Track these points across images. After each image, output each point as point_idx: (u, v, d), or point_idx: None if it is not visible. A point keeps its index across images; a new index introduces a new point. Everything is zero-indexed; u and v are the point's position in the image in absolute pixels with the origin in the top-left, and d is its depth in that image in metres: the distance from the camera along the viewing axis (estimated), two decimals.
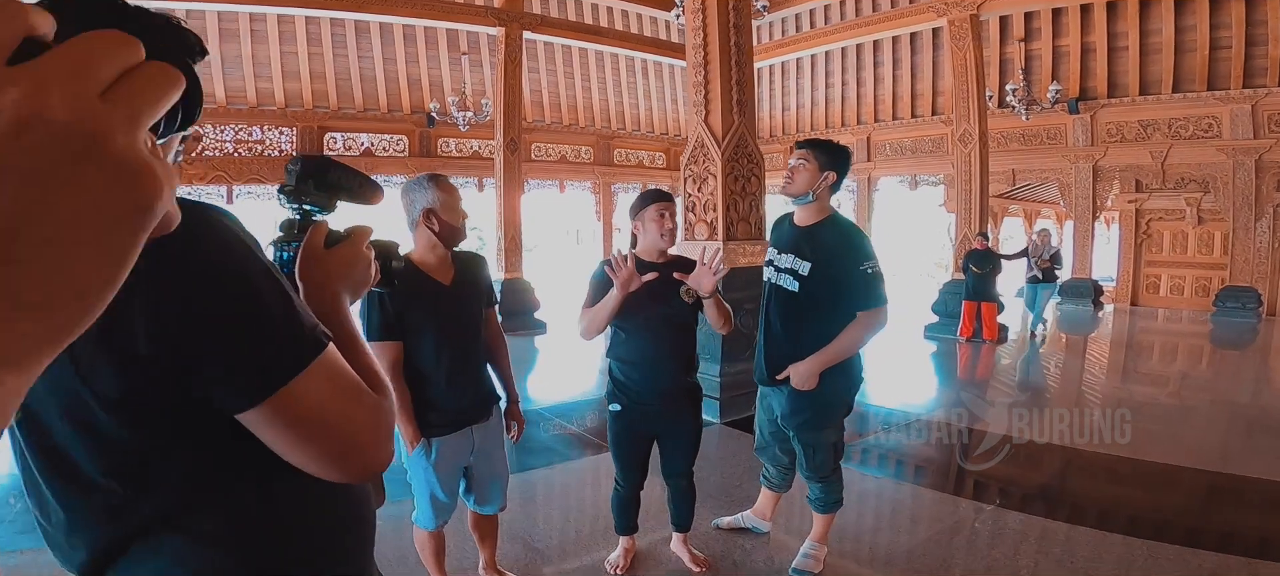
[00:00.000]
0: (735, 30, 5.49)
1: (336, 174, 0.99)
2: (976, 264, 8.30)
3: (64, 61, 0.24)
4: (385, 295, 2.03)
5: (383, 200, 1.14)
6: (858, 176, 14.33)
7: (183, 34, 0.77)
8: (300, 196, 0.96)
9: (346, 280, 0.91)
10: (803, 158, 2.52)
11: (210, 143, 10.65)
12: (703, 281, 2.31)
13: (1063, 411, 5.23)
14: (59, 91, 0.23)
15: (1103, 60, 10.88)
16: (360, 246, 0.94)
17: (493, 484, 2.34)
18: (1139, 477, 3.91)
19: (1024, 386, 6.63)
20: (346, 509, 0.86)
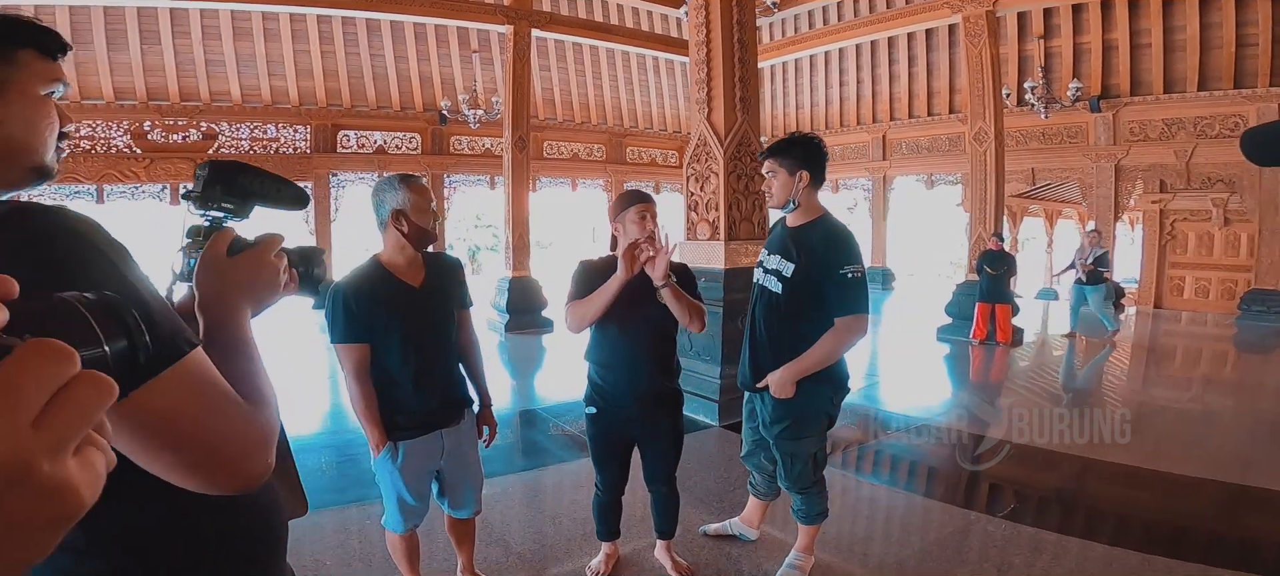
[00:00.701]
0: (739, 27, 5.42)
1: (248, 179, 0.95)
2: (991, 265, 8.13)
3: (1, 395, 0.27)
4: (349, 297, 2.01)
5: (307, 206, 1.11)
6: (873, 175, 14.16)
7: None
8: (207, 202, 0.93)
9: (247, 289, 0.87)
10: (771, 168, 2.44)
11: (226, 140, 10.79)
12: (656, 266, 2.24)
13: (1075, 416, 5.10)
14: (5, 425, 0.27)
15: (1125, 57, 10.62)
16: (266, 255, 0.90)
17: (465, 488, 2.30)
18: (1155, 487, 3.77)
19: (1038, 390, 6.47)
20: (237, 518, 0.82)
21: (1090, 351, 8.38)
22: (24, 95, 0.74)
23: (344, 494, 3.46)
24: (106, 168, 9.83)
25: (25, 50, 0.74)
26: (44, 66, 0.75)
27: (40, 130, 0.75)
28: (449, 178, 12.48)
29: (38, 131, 0.75)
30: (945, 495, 3.72)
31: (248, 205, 0.95)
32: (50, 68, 0.76)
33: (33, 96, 0.74)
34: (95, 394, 0.29)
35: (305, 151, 11.27)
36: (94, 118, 9.78)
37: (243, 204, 0.94)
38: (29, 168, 0.76)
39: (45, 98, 0.76)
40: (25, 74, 0.73)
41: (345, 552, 2.94)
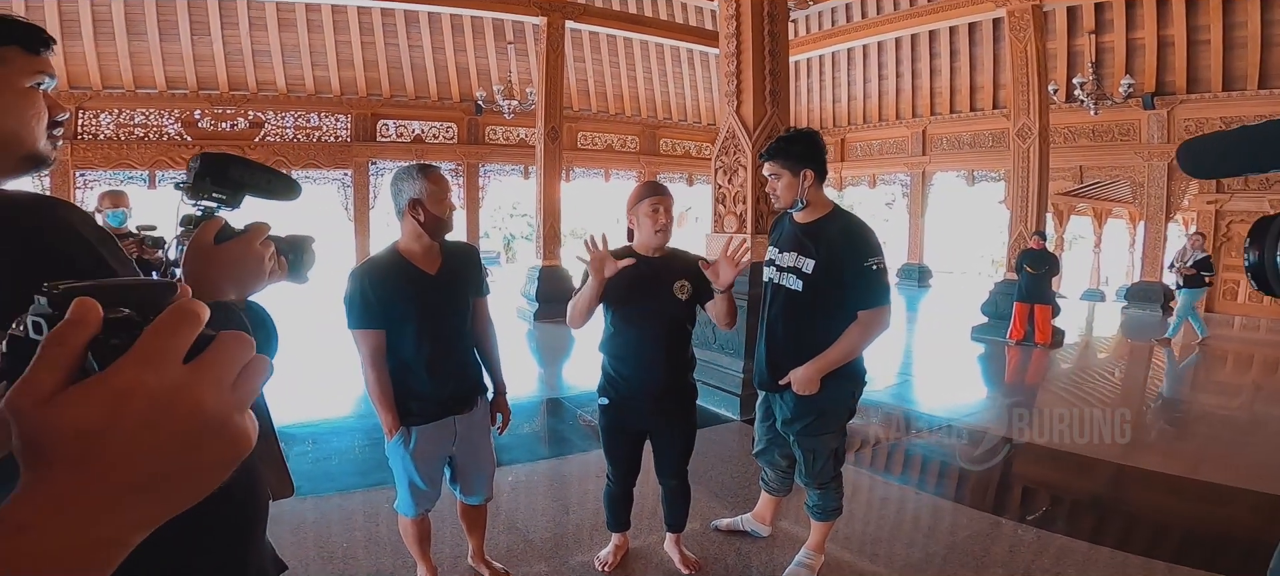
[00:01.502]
0: (769, 19, 5.35)
1: (239, 171, 0.99)
2: (1032, 264, 7.90)
3: (215, 368, 0.37)
4: (366, 283, 2.06)
5: (300, 196, 1.14)
6: (912, 171, 13.86)
7: None
8: (199, 193, 0.96)
9: (231, 274, 0.91)
10: (773, 171, 2.41)
11: (271, 128, 11.10)
12: (723, 273, 2.26)
13: (1113, 420, 4.94)
14: (213, 392, 0.36)
15: (1182, 54, 10.15)
16: (252, 242, 0.94)
17: (477, 474, 2.34)
18: (1194, 496, 3.64)
19: (1075, 394, 6.28)
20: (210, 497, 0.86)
21: (1136, 354, 8.09)
22: (10, 88, 0.78)
23: (367, 477, 3.55)
24: (158, 154, 10.21)
25: (9, 47, 0.78)
26: (28, 61, 0.80)
27: (27, 121, 0.80)
28: (484, 167, 12.62)
29: (25, 122, 0.79)
30: (971, 498, 3.65)
31: (238, 195, 0.98)
32: (34, 62, 0.81)
33: (18, 89, 0.79)
34: (263, 370, 0.39)
35: (346, 140, 11.53)
36: (147, 106, 10.16)
37: (233, 194, 0.97)
38: (20, 157, 0.80)
39: (31, 89, 0.80)
40: (9, 69, 0.78)
41: (356, 534, 3.02)
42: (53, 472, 0.33)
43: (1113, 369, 7.59)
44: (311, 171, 11.32)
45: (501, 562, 2.67)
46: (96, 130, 9.90)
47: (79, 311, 0.35)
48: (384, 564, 2.71)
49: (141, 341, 0.35)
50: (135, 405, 0.34)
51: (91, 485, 0.33)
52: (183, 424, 0.35)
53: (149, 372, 0.34)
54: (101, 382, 0.34)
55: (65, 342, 0.34)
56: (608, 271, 2.23)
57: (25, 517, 0.32)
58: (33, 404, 0.33)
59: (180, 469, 0.35)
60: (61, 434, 0.33)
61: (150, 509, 0.35)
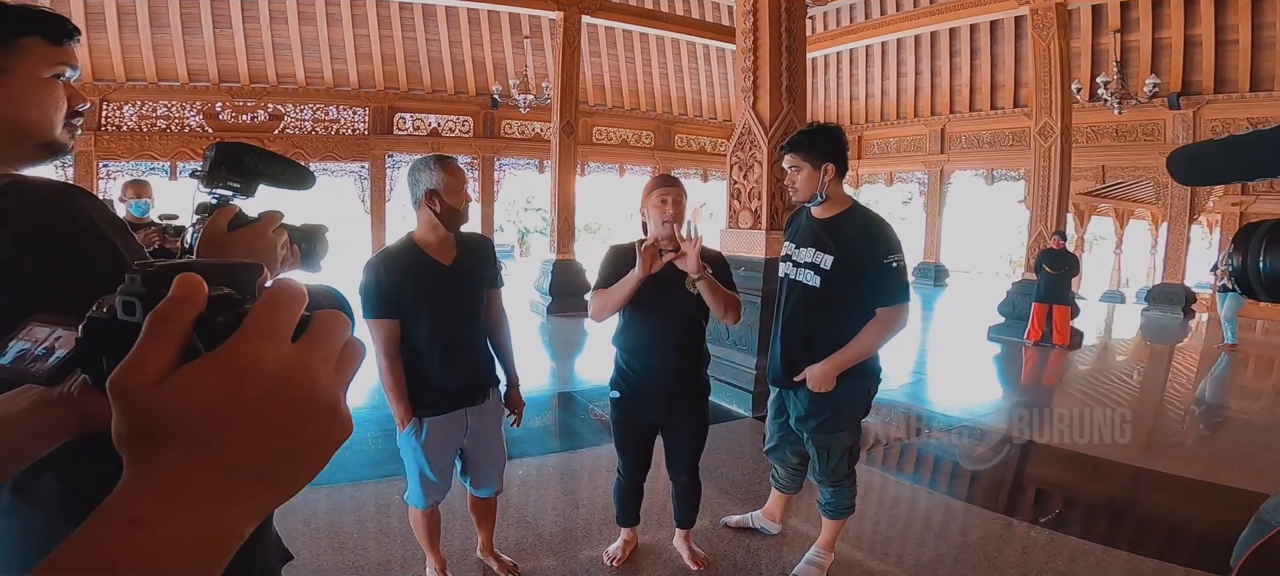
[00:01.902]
0: (787, 15, 5.31)
1: (253, 160, 1.00)
2: (1051, 264, 7.80)
3: (320, 347, 0.35)
4: (381, 273, 2.07)
5: (314, 186, 1.15)
6: (929, 169, 13.72)
7: None
8: (214, 182, 0.97)
9: None
10: (793, 163, 2.38)
11: (290, 121, 11.21)
12: (687, 259, 2.22)
13: (1131, 422, 4.87)
14: (324, 371, 0.35)
15: (1209, 53, 9.94)
16: (264, 230, 0.95)
17: (488, 467, 2.36)
18: (1211, 500, 3.58)
19: (1092, 396, 6.20)
20: None
21: (1155, 357, 7.97)
22: (30, 78, 0.79)
23: (380, 468, 3.58)
24: (180, 145, 10.35)
25: (31, 38, 0.79)
26: (49, 51, 0.81)
27: (46, 110, 0.81)
28: (499, 161, 12.67)
29: (43, 111, 0.81)
30: (984, 498, 3.61)
31: (253, 184, 0.99)
32: (56, 52, 0.82)
33: (38, 79, 0.80)
34: (360, 352, 0.38)
35: (363, 133, 11.61)
36: (169, 98, 10.30)
37: (248, 183, 0.98)
38: (36, 144, 0.81)
39: (50, 80, 0.82)
40: (30, 59, 0.79)
41: (368, 525, 3.05)
42: (166, 459, 0.31)
43: (1131, 371, 7.48)
44: (329, 164, 11.42)
45: (511, 556, 2.68)
46: (119, 121, 10.05)
47: (185, 288, 0.33)
48: (394, 554, 2.74)
49: (254, 316, 0.34)
50: (254, 383, 0.32)
51: (209, 471, 0.31)
52: (299, 403, 0.33)
53: (266, 349, 0.33)
54: (217, 360, 0.32)
55: (172, 319, 0.32)
56: (656, 266, 2.22)
57: (140, 510, 0.30)
58: (143, 384, 0.31)
59: (296, 451, 0.33)
60: (177, 416, 0.31)
61: (266, 495, 0.33)
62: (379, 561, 2.71)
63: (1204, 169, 0.73)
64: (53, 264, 0.71)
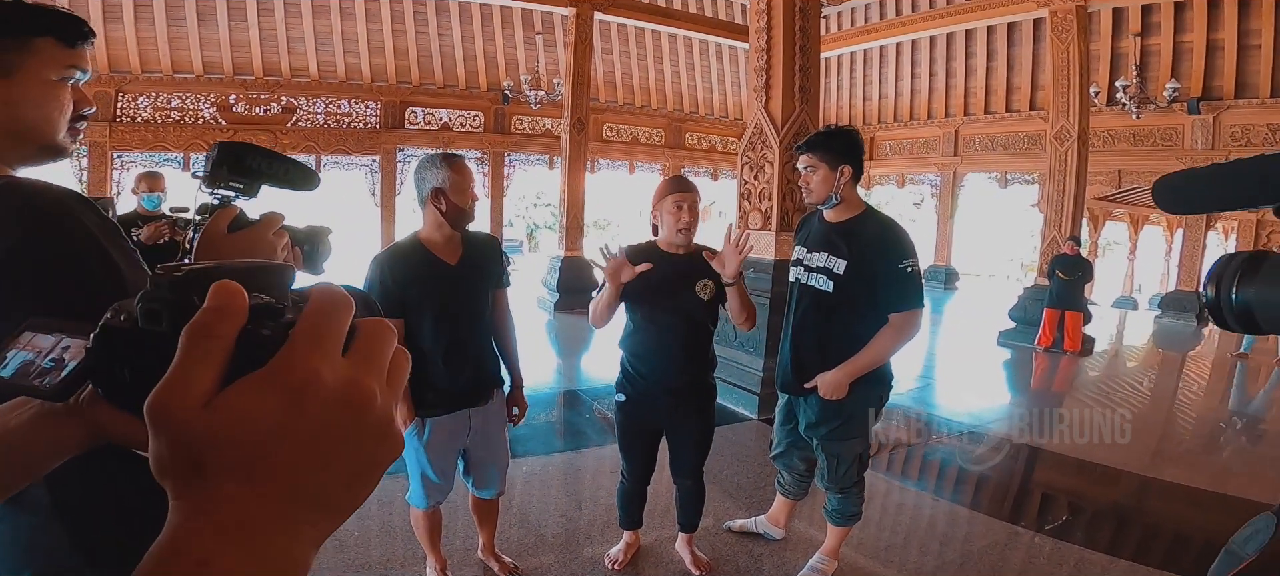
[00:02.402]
0: (801, 14, 5.27)
1: (256, 160, 0.98)
2: (1064, 269, 7.72)
3: (373, 360, 0.32)
4: (385, 270, 2.06)
5: (318, 187, 1.13)
6: (942, 171, 13.61)
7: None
8: (215, 182, 0.96)
9: None
10: (810, 163, 2.35)
11: (303, 114, 11.24)
12: (727, 263, 2.22)
13: (1140, 430, 4.81)
14: (377, 384, 0.32)
15: (1231, 58, 9.78)
16: (264, 232, 0.93)
17: (490, 468, 2.34)
18: (1216, 509, 3.52)
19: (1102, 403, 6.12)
20: None
21: (1167, 365, 7.86)
22: (37, 80, 0.78)
23: None
24: (193, 138, 10.41)
25: (43, 39, 0.78)
26: (61, 54, 0.80)
27: (50, 113, 0.80)
28: (509, 156, 12.67)
29: (48, 114, 0.80)
30: (989, 505, 3.57)
31: (255, 185, 0.98)
32: (68, 55, 0.80)
33: (45, 81, 0.79)
34: (407, 362, 0.35)
35: (375, 126, 11.64)
36: (184, 90, 10.36)
37: (250, 183, 0.97)
38: (39, 146, 0.80)
39: (59, 83, 0.80)
40: (40, 60, 0.78)
41: (370, 523, 3.04)
42: (225, 489, 0.28)
43: (1142, 379, 7.38)
44: (340, 157, 11.47)
45: (512, 556, 2.67)
46: (134, 113, 10.12)
47: (225, 297, 0.30)
48: (396, 553, 2.74)
49: (304, 327, 0.31)
50: (314, 402, 0.29)
51: (273, 502, 0.29)
52: (357, 421, 0.31)
53: (323, 363, 0.30)
54: (274, 378, 0.29)
55: (215, 333, 0.29)
56: (624, 277, 2.20)
57: (205, 550, 0.27)
58: (189, 407, 0.28)
59: (356, 473, 0.31)
60: (233, 442, 0.28)
61: (327, 522, 0.31)
62: (380, 559, 2.70)
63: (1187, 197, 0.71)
64: (45, 268, 0.69)
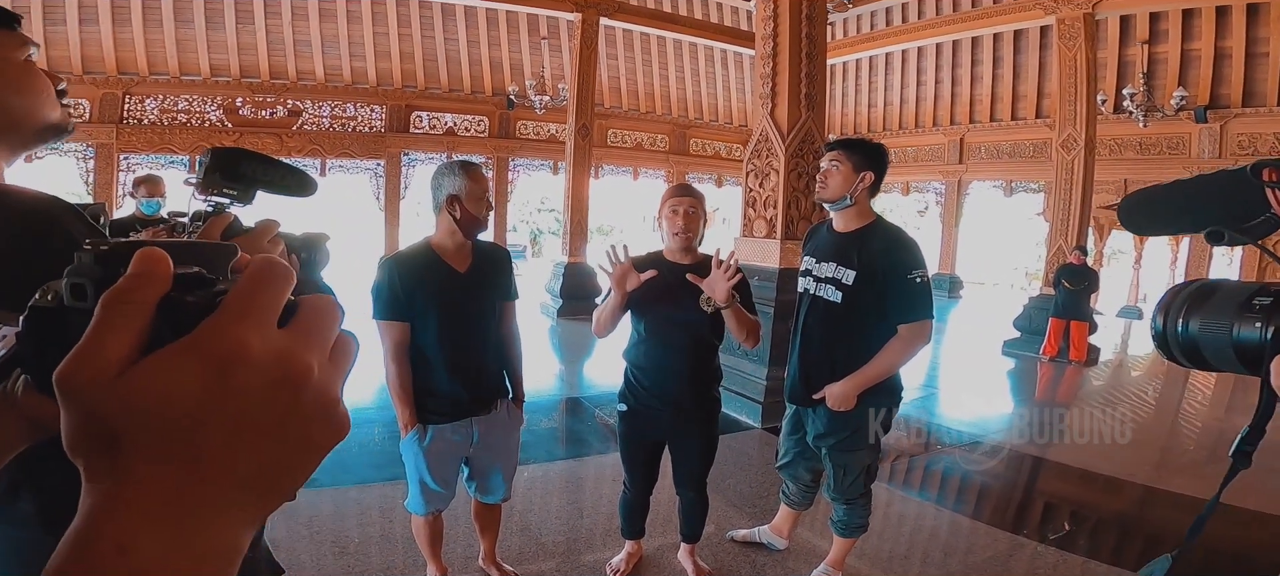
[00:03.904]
0: (808, 21, 5.27)
1: (250, 166, 0.97)
2: (1070, 279, 7.67)
3: (312, 334, 0.30)
4: (394, 274, 2.05)
5: (315, 193, 1.12)
6: (947, 179, 13.58)
7: None
8: (209, 189, 0.95)
9: None
10: (835, 159, 2.33)
11: (308, 118, 11.28)
12: (717, 288, 2.17)
13: (1144, 440, 4.78)
14: (316, 359, 0.30)
15: (1239, 66, 9.74)
16: (259, 240, 0.92)
17: (495, 474, 2.33)
18: (1222, 519, 3.48)
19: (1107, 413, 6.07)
20: None
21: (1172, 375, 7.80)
22: (9, 64, 0.77)
23: (383, 470, 3.57)
24: (199, 140, 10.44)
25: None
26: (12, 36, 0.79)
27: (37, 93, 0.79)
28: (514, 161, 12.68)
29: (36, 94, 0.79)
30: (993, 515, 3.55)
31: (250, 191, 0.96)
32: (17, 36, 0.80)
33: (17, 63, 0.79)
34: (354, 348, 0.33)
35: (380, 130, 11.67)
36: (191, 93, 10.41)
37: (245, 190, 0.96)
38: (36, 130, 0.79)
39: (27, 61, 0.80)
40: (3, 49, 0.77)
41: (371, 529, 3.03)
42: (142, 469, 0.26)
43: (1146, 388, 7.33)
44: (345, 160, 11.50)
45: (512, 564, 2.66)
46: (141, 115, 10.17)
47: (146, 263, 0.28)
48: (396, 561, 2.72)
49: (234, 296, 0.28)
50: (240, 375, 0.27)
51: (197, 483, 0.26)
52: (293, 399, 0.28)
53: (252, 333, 0.28)
54: (195, 347, 0.27)
55: (131, 299, 0.27)
56: (629, 285, 2.18)
57: (124, 534, 0.25)
58: (99, 378, 0.26)
59: (291, 454, 0.29)
60: (148, 416, 0.26)
61: (262, 505, 0.29)
62: (381, 567, 2.69)
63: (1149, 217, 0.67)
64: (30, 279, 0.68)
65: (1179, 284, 0.55)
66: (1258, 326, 0.49)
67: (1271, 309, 0.48)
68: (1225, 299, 0.51)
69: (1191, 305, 0.52)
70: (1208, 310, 0.52)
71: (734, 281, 2.16)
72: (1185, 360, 0.53)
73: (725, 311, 2.22)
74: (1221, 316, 0.51)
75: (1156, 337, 0.55)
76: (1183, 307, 0.53)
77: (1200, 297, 0.52)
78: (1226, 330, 0.51)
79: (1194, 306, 0.52)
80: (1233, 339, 0.50)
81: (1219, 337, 0.51)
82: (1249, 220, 0.55)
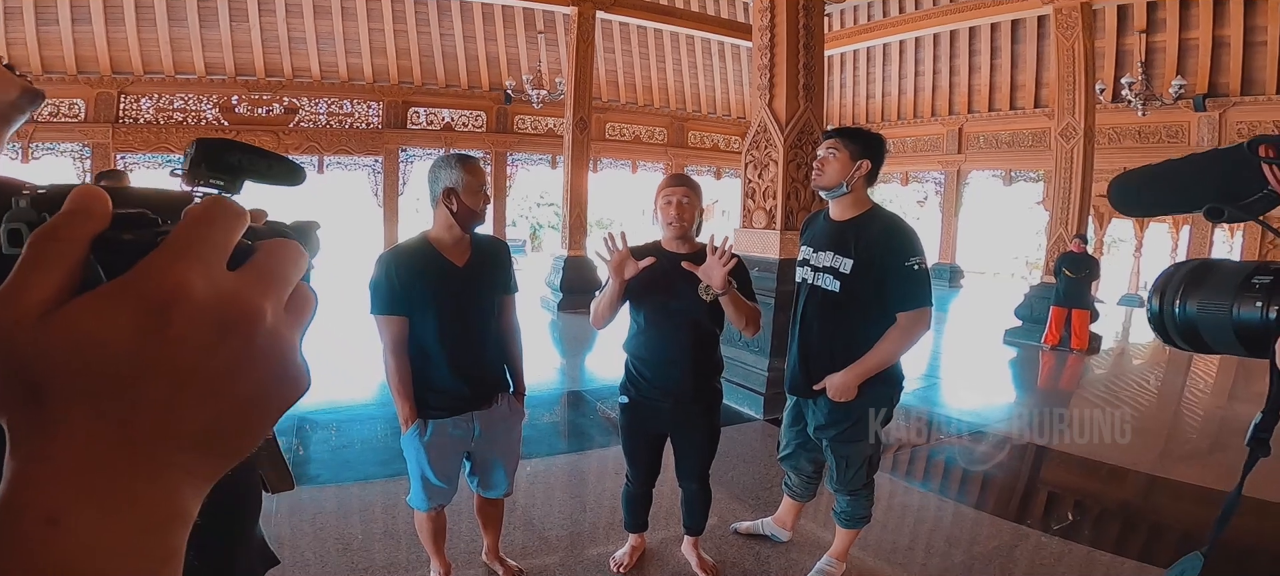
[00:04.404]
0: (805, 12, 5.24)
1: (237, 156, 0.95)
2: (1071, 267, 7.67)
3: (268, 278, 0.28)
4: (391, 269, 2.04)
5: (304, 182, 1.10)
6: (946, 169, 13.57)
7: None
8: (195, 180, 0.93)
9: None
10: (832, 147, 2.32)
11: (305, 115, 11.24)
12: (712, 275, 2.16)
13: (1147, 429, 4.78)
14: (270, 305, 0.27)
15: (1237, 55, 9.73)
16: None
17: (496, 469, 2.32)
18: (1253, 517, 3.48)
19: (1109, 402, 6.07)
20: None
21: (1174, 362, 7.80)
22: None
23: (387, 466, 3.56)
24: (195, 138, 10.41)
25: None
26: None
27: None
28: (512, 156, 12.66)
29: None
30: (996, 505, 3.55)
31: (237, 182, 0.94)
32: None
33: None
34: (313, 300, 0.31)
35: (377, 127, 11.63)
36: (186, 91, 10.36)
37: (232, 181, 0.94)
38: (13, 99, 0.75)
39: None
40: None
41: (374, 525, 3.03)
42: (69, 426, 0.23)
43: (1149, 376, 7.33)
44: (343, 157, 11.47)
45: (516, 559, 2.65)
46: (137, 114, 10.13)
47: (81, 200, 0.25)
48: (400, 557, 2.71)
49: (178, 232, 0.26)
50: (181, 319, 0.24)
51: (132, 442, 0.23)
52: (243, 345, 0.25)
53: (195, 273, 0.25)
54: (129, 287, 0.24)
55: (60, 237, 0.24)
56: (627, 272, 2.17)
57: (53, 504, 0.22)
58: (20, 320, 0.23)
59: (241, 410, 0.26)
60: (75, 363, 0.23)
61: (207, 467, 0.26)
62: (384, 563, 2.68)
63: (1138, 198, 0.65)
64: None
65: (1175, 264, 0.53)
66: (1259, 306, 0.47)
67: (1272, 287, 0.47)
68: (1224, 278, 0.49)
69: (1189, 285, 0.51)
70: (1206, 290, 0.50)
71: (729, 267, 2.15)
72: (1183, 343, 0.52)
73: (723, 299, 2.21)
74: (1220, 297, 0.49)
75: (1153, 320, 0.53)
76: (1180, 288, 0.51)
77: (1198, 277, 0.50)
78: (1226, 310, 0.49)
79: (1192, 287, 0.50)
80: (1233, 319, 0.49)
81: (1218, 318, 0.49)
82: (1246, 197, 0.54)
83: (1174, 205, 0.59)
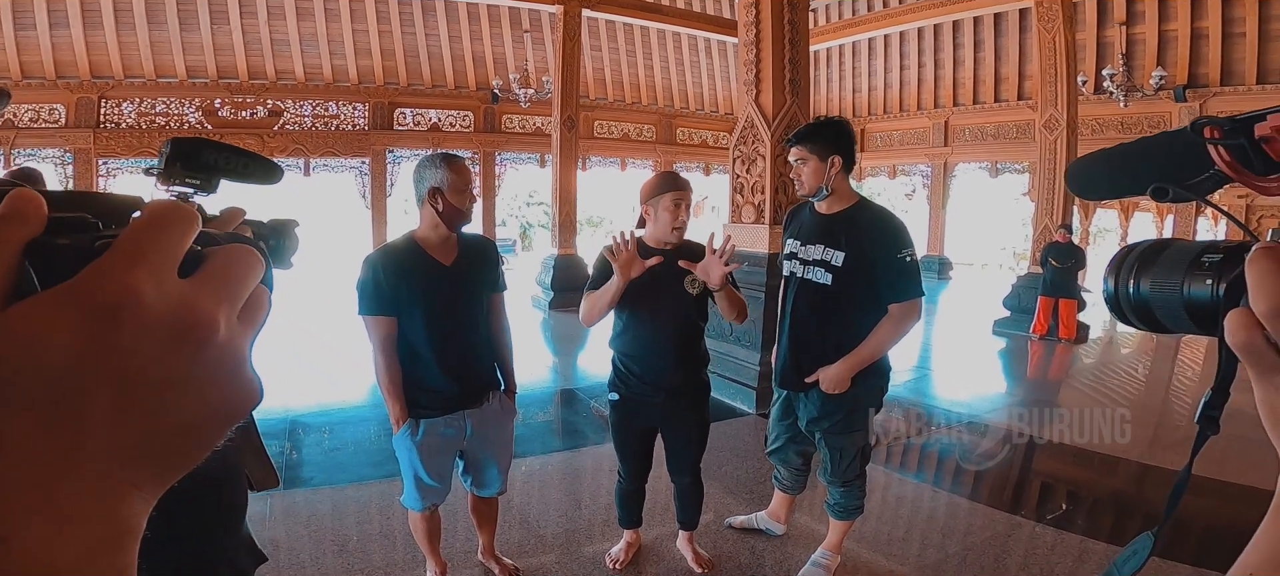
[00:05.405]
0: (789, 8, 5.26)
1: (212, 155, 0.94)
2: (1057, 257, 7.75)
3: (221, 285, 0.27)
4: (378, 269, 2.03)
5: (281, 180, 1.09)
6: (933, 161, 13.66)
7: None
8: (170, 179, 0.92)
9: None
10: (800, 156, 2.33)
11: (290, 117, 11.14)
12: (712, 272, 2.18)
13: (1137, 417, 4.83)
14: (223, 314, 0.26)
15: (1216, 46, 9.87)
16: (225, 227, 0.90)
17: (490, 467, 2.31)
18: (1217, 496, 3.53)
19: (1098, 390, 6.15)
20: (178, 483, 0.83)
21: (1162, 350, 7.91)
22: None
23: (380, 467, 3.54)
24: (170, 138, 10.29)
25: None
26: None
27: None
28: (500, 155, 12.61)
29: None
30: (990, 496, 3.57)
31: (213, 180, 0.93)
32: None
33: None
34: (268, 302, 0.30)
35: (363, 128, 11.56)
36: (168, 95, 10.24)
37: (208, 179, 0.92)
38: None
39: None
40: None
41: (370, 526, 3.01)
42: (15, 436, 0.22)
43: (1137, 365, 7.42)
44: (329, 159, 11.38)
45: (512, 557, 2.64)
46: (118, 119, 10.00)
47: (13, 203, 0.24)
48: (396, 557, 2.70)
49: (126, 237, 0.25)
50: (130, 328, 0.23)
51: (80, 454, 0.22)
52: (194, 355, 0.25)
53: (145, 279, 0.24)
54: (73, 294, 0.23)
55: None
56: (635, 272, 2.17)
57: (0, 521, 0.21)
58: None
59: (192, 420, 0.25)
60: (15, 372, 0.22)
61: (156, 480, 0.25)
62: (381, 564, 2.67)
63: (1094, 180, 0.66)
64: None
65: (1128, 244, 0.54)
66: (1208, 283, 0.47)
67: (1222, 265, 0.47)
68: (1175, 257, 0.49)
69: (1141, 265, 0.51)
70: (1157, 269, 0.50)
71: (731, 268, 2.18)
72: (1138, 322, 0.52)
73: (719, 293, 2.23)
74: (1171, 275, 0.49)
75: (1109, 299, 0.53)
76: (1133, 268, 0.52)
77: (1150, 257, 0.51)
78: (1176, 289, 0.49)
79: (1144, 266, 0.51)
80: (1183, 297, 0.49)
81: (1170, 297, 0.49)
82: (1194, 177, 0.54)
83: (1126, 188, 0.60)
